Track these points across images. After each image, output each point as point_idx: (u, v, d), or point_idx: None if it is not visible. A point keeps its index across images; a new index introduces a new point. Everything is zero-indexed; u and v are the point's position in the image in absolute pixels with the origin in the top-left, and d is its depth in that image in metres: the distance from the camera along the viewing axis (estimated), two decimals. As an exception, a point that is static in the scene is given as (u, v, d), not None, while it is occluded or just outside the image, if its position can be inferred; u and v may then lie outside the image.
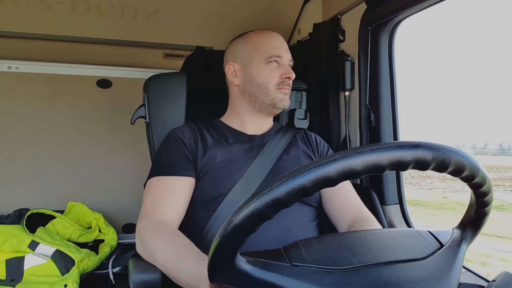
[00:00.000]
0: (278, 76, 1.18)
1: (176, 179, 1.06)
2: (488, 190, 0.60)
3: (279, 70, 1.19)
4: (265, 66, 1.19)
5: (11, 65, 1.98)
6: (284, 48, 1.22)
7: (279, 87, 1.18)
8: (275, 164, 1.16)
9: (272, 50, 1.19)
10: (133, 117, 1.32)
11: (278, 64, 1.19)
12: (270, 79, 1.18)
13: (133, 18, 1.80)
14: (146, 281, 0.82)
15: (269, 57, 1.18)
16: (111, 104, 2.15)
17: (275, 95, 1.18)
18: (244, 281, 0.55)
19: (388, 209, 1.41)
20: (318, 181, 0.49)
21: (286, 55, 1.21)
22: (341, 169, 0.49)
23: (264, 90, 1.19)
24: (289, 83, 1.21)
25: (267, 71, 1.18)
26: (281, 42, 1.23)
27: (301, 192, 0.49)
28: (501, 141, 15.17)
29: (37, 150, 2.07)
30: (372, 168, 0.49)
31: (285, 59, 1.20)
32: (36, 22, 1.77)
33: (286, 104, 1.21)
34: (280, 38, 1.25)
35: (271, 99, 1.19)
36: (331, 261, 0.58)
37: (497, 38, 58.50)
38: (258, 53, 1.20)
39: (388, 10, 1.29)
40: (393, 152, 0.49)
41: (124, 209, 2.17)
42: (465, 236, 0.69)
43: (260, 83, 1.19)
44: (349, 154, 0.49)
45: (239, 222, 0.50)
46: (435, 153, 0.51)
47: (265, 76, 1.18)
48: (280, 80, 1.18)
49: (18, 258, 1.65)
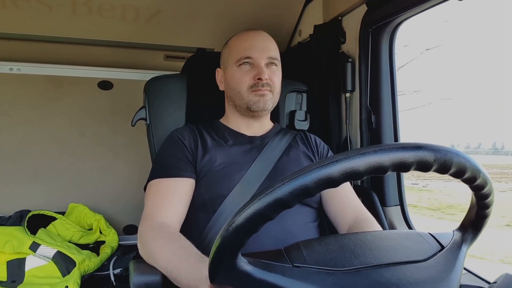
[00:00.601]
0: (251, 78, 1.15)
1: (177, 180, 1.07)
2: (489, 192, 0.60)
3: (252, 72, 1.15)
4: (237, 69, 1.17)
5: (12, 66, 1.98)
6: (259, 47, 1.17)
7: (253, 90, 1.15)
8: (274, 165, 1.15)
9: (242, 52, 1.16)
10: (134, 119, 1.32)
11: (252, 65, 1.16)
12: (241, 83, 1.16)
13: (134, 20, 1.81)
14: (147, 283, 0.82)
15: (239, 60, 1.16)
16: (112, 106, 2.16)
17: (248, 98, 1.16)
18: (245, 282, 0.55)
19: (389, 211, 1.41)
20: (320, 181, 0.49)
21: (260, 54, 1.16)
22: (343, 170, 0.49)
23: (237, 94, 1.18)
24: (265, 83, 1.15)
25: (238, 74, 1.17)
26: (256, 42, 1.18)
27: (304, 192, 0.49)
28: (494, 140, 15.22)
29: (38, 152, 2.07)
30: (374, 169, 0.49)
31: (259, 59, 1.16)
32: (38, 24, 1.77)
33: (262, 106, 1.16)
34: (256, 37, 1.20)
35: (245, 103, 1.17)
36: (332, 262, 0.58)
37: (495, 38, 57.35)
38: (231, 57, 1.19)
39: (389, 12, 1.30)
40: (396, 153, 0.50)
41: (125, 211, 2.17)
42: (465, 238, 0.69)
43: (234, 87, 1.18)
44: (352, 155, 0.49)
45: (241, 223, 0.50)
46: (437, 155, 0.51)
47: (236, 79, 1.17)
48: (253, 82, 1.15)
49: (19, 260, 1.65)
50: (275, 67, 1.19)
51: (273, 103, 1.20)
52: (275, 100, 1.21)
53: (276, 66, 1.20)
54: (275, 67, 1.19)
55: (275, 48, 1.21)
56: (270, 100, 1.17)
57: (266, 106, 1.17)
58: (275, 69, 1.19)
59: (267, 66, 1.17)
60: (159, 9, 1.76)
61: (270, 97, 1.17)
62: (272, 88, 1.17)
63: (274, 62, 1.19)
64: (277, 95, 1.21)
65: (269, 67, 1.18)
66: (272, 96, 1.18)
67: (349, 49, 1.50)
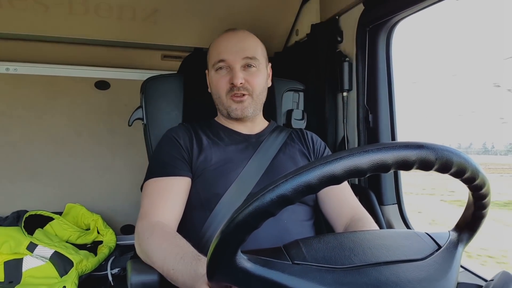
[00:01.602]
0: (227, 82, 1.12)
1: (173, 179, 1.06)
2: (487, 193, 0.60)
3: (227, 76, 1.12)
4: (215, 74, 1.15)
5: (9, 66, 1.97)
6: (233, 49, 1.12)
7: (231, 95, 1.13)
8: (270, 163, 1.15)
9: (216, 55, 1.13)
10: (131, 119, 1.32)
11: (228, 69, 1.13)
12: (219, 88, 1.14)
13: (131, 20, 1.80)
14: (144, 282, 0.83)
15: (214, 64, 1.14)
16: (109, 106, 2.15)
17: (227, 103, 1.15)
18: (244, 279, 0.55)
19: (386, 209, 1.41)
20: (324, 178, 0.49)
21: (234, 56, 1.11)
22: (347, 167, 0.49)
23: (218, 99, 1.17)
24: (241, 87, 1.11)
25: (216, 79, 1.15)
26: (230, 43, 1.14)
27: (307, 189, 0.49)
28: (484, 140, 15.30)
29: (35, 152, 2.06)
30: (377, 167, 0.49)
31: (233, 62, 1.11)
32: (34, 24, 1.77)
33: (240, 114, 1.14)
34: (231, 38, 1.15)
35: (225, 108, 1.16)
36: (332, 260, 0.59)
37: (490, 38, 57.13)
38: (210, 61, 1.18)
39: (386, 11, 1.30)
40: (399, 152, 0.50)
41: (122, 211, 2.17)
42: (461, 238, 0.69)
43: (214, 92, 1.18)
44: (356, 152, 0.49)
45: (243, 218, 0.50)
46: (439, 154, 0.51)
47: (214, 85, 1.16)
48: (230, 87, 1.12)
49: (17, 260, 1.65)
50: (254, 68, 1.14)
51: (254, 107, 1.16)
52: (257, 103, 1.17)
53: (255, 67, 1.14)
54: (254, 68, 1.14)
55: (254, 46, 1.16)
56: (249, 105, 1.15)
57: (244, 113, 1.14)
58: (254, 70, 1.14)
59: (244, 68, 1.13)
60: (155, 9, 1.76)
61: (249, 102, 1.14)
62: (251, 91, 1.14)
63: (252, 63, 1.13)
64: (258, 97, 1.17)
65: (247, 69, 1.14)
66: (252, 99, 1.15)
67: (346, 48, 1.51)
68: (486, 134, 5.02)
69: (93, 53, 2.05)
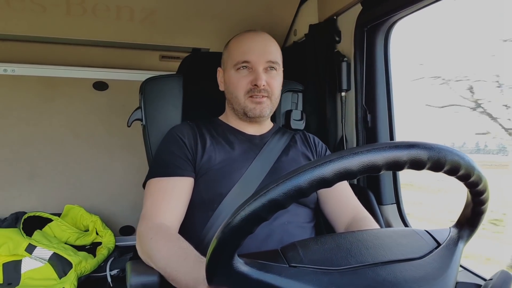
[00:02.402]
0: (248, 83, 1.13)
1: (176, 180, 1.06)
2: (484, 189, 0.60)
3: (249, 77, 1.13)
4: (235, 73, 1.15)
5: (7, 68, 1.97)
6: (257, 51, 1.13)
7: (250, 95, 1.13)
8: (273, 165, 1.15)
9: (240, 55, 1.13)
10: (130, 120, 1.32)
11: (250, 69, 1.13)
12: (238, 88, 1.14)
13: (129, 20, 1.80)
14: (144, 283, 0.82)
15: (237, 64, 1.14)
16: (107, 107, 2.15)
17: (245, 104, 1.15)
18: (242, 283, 0.55)
19: (385, 209, 1.41)
20: (314, 182, 0.49)
21: (259, 58, 1.12)
22: (337, 170, 0.49)
23: (235, 98, 1.17)
24: (262, 89, 1.12)
25: (236, 79, 1.15)
26: (255, 44, 1.15)
27: (297, 193, 0.49)
28: (477, 140, 15.36)
29: (33, 153, 2.06)
30: (368, 168, 0.49)
31: (257, 64, 1.12)
32: (32, 25, 1.76)
33: (258, 113, 1.15)
34: (255, 39, 1.16)
35: (242, 108, 1.16)
36: (328, 262, 0.59)
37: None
38: (230, 60, 1.17)
39: (384, 11, 1.30)
40: (389, 152, 0.50)
41: (121, 212, 2.17)
42: (462, 235, 0.69)
43: (231, 91, 1.17)
44: (345, 154, 0.49)
45: (236, 224, 0.50)
46: (430, 153, 0.51)
47: (233, 84, 1.16)
48: (250, 87, 1.13)
49: (15, 262, 1.65)
50: (274, 72, 1.16)
51: (271, 109, 1.18)
52: (274, 105, 1.19)
53: (276, 70, 1.16)
54: (274, 72, 1.16)
55: (276, 50, 1.18)
56: (267, 107, 1.16)
57: (262, 113, 1.16)
58: (274, 74, 1.16)
59: (266, 71, 1.14)
60: (154, 10, 1.76)
61: (268, 104, 1.16)
62: (270, 94, 1.15)
63: (274, 66, 1.15)
64: (275, 100, 1.19)
65: (268, 72, 1.14)
66: (270, 102, 1.16)
67: (344, 48, 1.51)
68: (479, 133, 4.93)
69: (91, 54, 2.05)
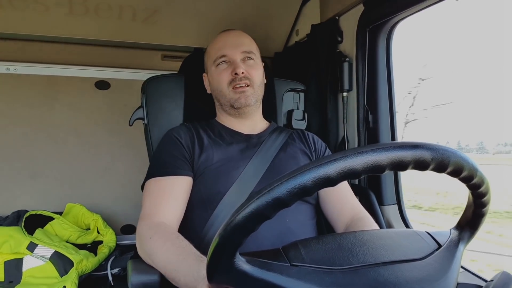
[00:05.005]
0: (229, 74, 1.18)
1: (175, 179, 1.06)
2: (486, 191, 0.60)
3: (229, 69, 1.18)
4: (215, 70, 1.21)
5: (9, 67, 1.97)
6: (231, 44, 1.20)
7: (233, 87, 1.17)
8: (271, 162, 1.16)
9: (217, 52, 1.20)
10: (131, 119, 1.32)
11: (228, 63, 1.19)
12: (220, 81, 1.19)
13: (131, 20, 1.80)
14: (145, 282, 0.82)
15: (215, 60, 1.20)
16: (109, 106, 2.15)
17: (230, 95, 1.19)
18: (243, 281, 0.55)
19: (386, 209, 1.41)
20: (318, 180, 0.49)
21: (233, 50, 1.19)
22: (341, 169, 0.49)
23: (220, 92, 1.21)
24: (243, 77, 1.17)
25: (217, 74, 1.20)
26: (228, 39, 1.22)
27: (302, 191, 0.49)
28: (479, 140, 15.90)
29: (35, 152, 2.06)
30: (372, 168, 0.49)
31: (233, 55, 1.18)
32: (34, 24, 1.77)
33: (243, 103, 1.18)
34: (228, 35, 1.24)
35: (228, 100, 1.20)
36: (330, 261, 0.59)
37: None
38: (209, 60, 1.24)
39: (386, 12, 1.30)
40: (393, 152, 0.50)
41: (123, 210, 2.17)
42: (462, 236, 0.69)
43: (215, 87, 1.22)
44: (350, 154, 0.49)
45: (239, 222, 0.50)
46: (434, 154, 0.51)
47: (216, 79, 1.21)
48: (231, 78, 1.17)
49: (17, 260, 1.65)
50: (252, 61, 1.21)
51: (256, 97, 1.21)
52: (258, 94, 1.22)
53: (253, 60, 1.22)
54: (252, 61, 1.21)
55: (249, 42, 1.24)
56: (251, 95, 1.19)
57: (248, 101, 1.18)
58: (252, 63, 1.21)
59: (243, 61, 1.19)
60: (156, 9, 1.76)
61: (251, 92, 1.19)
62: (251, 81, 1.19)
63: (250, 56, 1.21)
64: (258, 88, 1.22)
65: (246, 62, 1.20)
66: (253, 90, 1.20)
67: (346, 48, 1.51)
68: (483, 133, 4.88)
69: (93, 53, 2.05)
